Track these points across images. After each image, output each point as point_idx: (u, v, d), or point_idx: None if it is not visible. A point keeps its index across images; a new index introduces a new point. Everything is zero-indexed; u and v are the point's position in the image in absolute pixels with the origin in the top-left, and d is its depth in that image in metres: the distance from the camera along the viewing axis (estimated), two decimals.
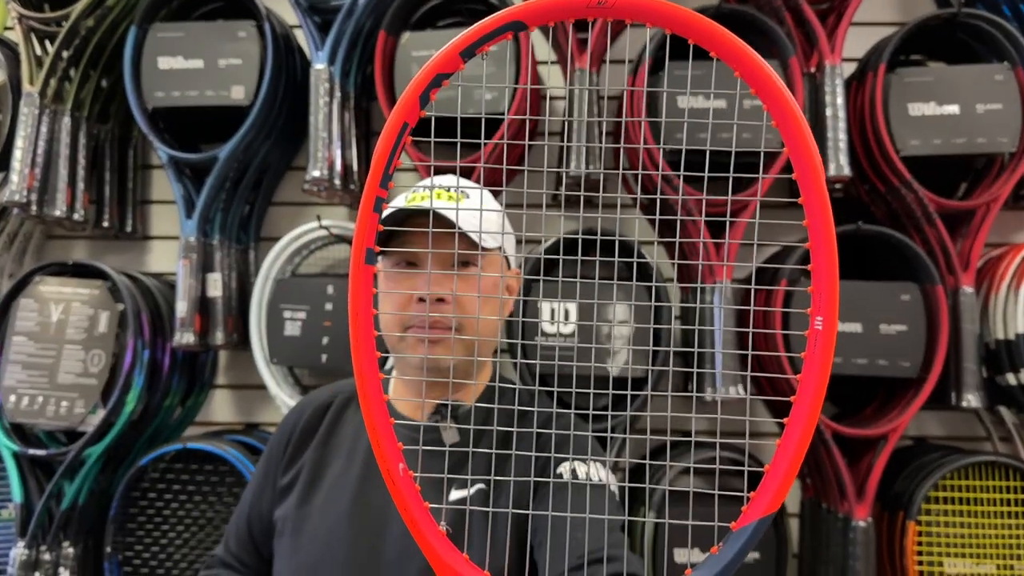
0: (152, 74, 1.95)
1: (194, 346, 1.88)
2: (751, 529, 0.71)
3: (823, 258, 0.70)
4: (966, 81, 1.84)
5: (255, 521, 1.25)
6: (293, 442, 1.24)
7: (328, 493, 1.17)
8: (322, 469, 1.20)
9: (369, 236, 0.71)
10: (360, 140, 2.05)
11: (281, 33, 1.99)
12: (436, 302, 1.09)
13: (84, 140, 2.05)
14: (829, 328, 0.70)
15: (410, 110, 0.70)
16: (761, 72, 0.68)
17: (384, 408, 0.74)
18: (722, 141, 1.77)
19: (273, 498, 1.23)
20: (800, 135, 0.68)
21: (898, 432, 1.77)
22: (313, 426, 1.24)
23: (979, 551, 1.77)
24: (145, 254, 2.26)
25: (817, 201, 0.69)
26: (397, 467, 0.74)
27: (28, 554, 1.82)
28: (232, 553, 1.27)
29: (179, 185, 1.95)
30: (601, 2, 0.65)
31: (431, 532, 0.75)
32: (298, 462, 1.22)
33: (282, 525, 1.19)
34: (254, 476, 1.29)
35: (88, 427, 1.85)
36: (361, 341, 0.72)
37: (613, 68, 2.11)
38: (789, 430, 0.71)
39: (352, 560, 1.12)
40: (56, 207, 1.96)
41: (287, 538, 1.17)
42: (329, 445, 1.22)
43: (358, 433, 1.21)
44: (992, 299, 1.86)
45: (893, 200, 1.90)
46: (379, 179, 0.70)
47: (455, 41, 0.68)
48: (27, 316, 1.90)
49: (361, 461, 1.17)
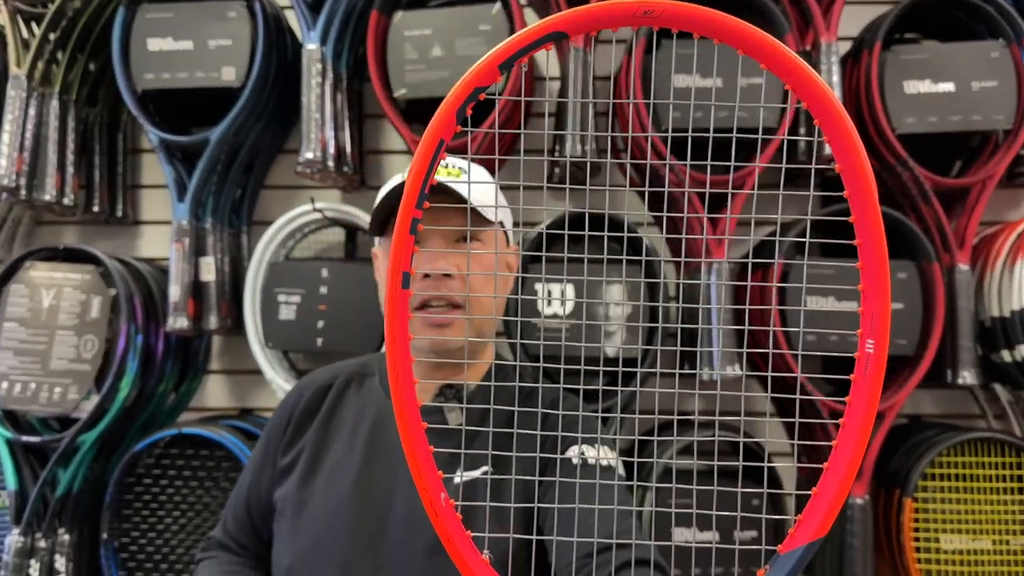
0: (141, 56, 1.92)
1: (188, 331, 1.87)
2: (799, 553, 0.70)
3: (874, 282, 0.68)
4: (961, 59, 1.84)
5: (254, 502, 1.24)
6: (293, 423, 1.23)
7: (330, 475, 1.16)
8: (323, 450, 1.19)
9: (405, 259, 0.70)
10: (353, 122, 2.03)
11: (272, 13, 1.97)
12: (442, 278, 1.09)
13: (73, 124, 2.02)
14: (880, 352, 0.68)
15: (446, 127, 0.67)
16: (815, 85, 0.65)
17: (424, 437, 0.72)
18: (719, 119, 1.76)
19: (273, 479, 1.22)
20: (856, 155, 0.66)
21: (894, 410, 1.78)
22: (314, 407, 1.24)
23: (975, 527, 1.78)
24: (136, 239, 2.24)
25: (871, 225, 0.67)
26: (439, 497, 0.72)
27: (24, 541, 1.81)
28: (230, 535, 1.26)
29: (170, 168, 1.92)
30: (648, 12, 0.63)
31: (475, 562, 0.74)
32: (298, 443, 1.22)
33: (282, 506, 1.18)
34: (252, 457, 1.29)
35: (82, 413, 1.83)
36: (399, 370, 0.71)
37: (607, 48, 2.10)
38: (838, 453, 0.70)
39: (355, 542, 1.12)
40: (45, 191, 1.93)
41: (288, 520, 1.17)
42: (330, 426, 1.21)
43: (359, 415, 1.20)
44: (987, 277, 1.87)
45: (889, 178, 1.90)
46: (415, 200, 0.68)
47: (494, 53, 0.65)
48: (18, 302, 1.88)
49: (363, 443, 1.17)
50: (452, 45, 1.83)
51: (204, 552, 1.28)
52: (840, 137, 0.66)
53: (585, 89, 1.85)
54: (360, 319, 1.89)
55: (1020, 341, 1.78)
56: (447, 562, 1.04)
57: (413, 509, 1.10)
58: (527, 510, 1.10)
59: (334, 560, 1.12)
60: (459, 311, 1.11)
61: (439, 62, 1.83)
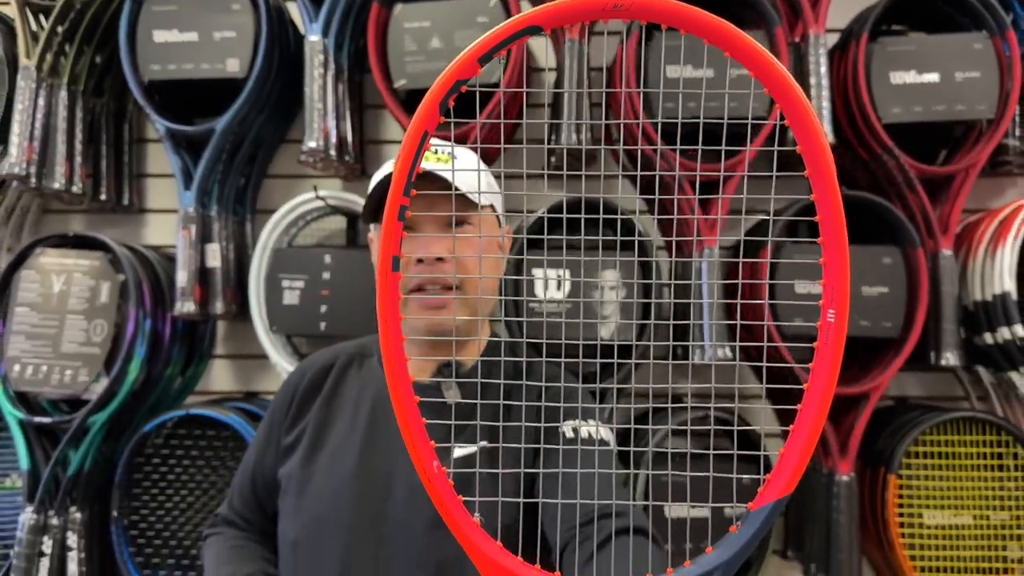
0: (147, 47, 1.97)
1: (195, 315, 1.92)
2: (768, 510, 0.74)
3: (834, 256, 0.71)
4: (946, 50, 1.89)
5: (259, 479, 1.28)
6: (296, 401, 1.27)
7: (333, 453, 1.20)
8: (326, 428, 1.23)
9: (395, 244, 0.73)
10: (354, 112, 2.08)
11: (274, 5, 2.02)
12: (436, 262, 1.12)
13: (81, 114, 2.07)
14: (841, 321, 0.72)
15: (430, 118, 0.70)
16: (778, 76, 0.69)
17: (416, 409, 0.76)
18: (710, 110, 1.82)
19: (277, 456, 1.26)
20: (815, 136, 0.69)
21: (879, 390, 1.83)
22: (316, 386, 1.27)
23: (957, 503, 1.84)
24: (141, 227, 2.29)
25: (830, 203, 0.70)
26: (432, 465, 0.76)
27: (37, 519, 1.87)
28: (236, 511, 1.31)
29: (176, 157, 1.97)
30: (617, 5, 0.66)
31: (467, 524, 0.78)
32: (302, 421, 1.25)
33: (286, 483, 1.22)
34: (257, 435, 1.32)
35: (92, 395, 1.89)
36: (391, 346, 0.73)
37: (603, 39, 2.15)
38: (802, 416, 0.73)
39: (357, 519, 1.15)
40: (55, 180, 1.98)
41: (291, 496, 1.20)
42: (332, 405, 1.25)
43: (360, 395, 1.24)
44: (970, 262, 1.93)
45: (876, 167, 1.95)
46: (402, 187, 0.71)
47: (473, 47, 0.68)
48: (29, 287, 1.93)
49: (364, 423, 1.21)
50: (451, 37, 1.88)
51: (211, 528, 1.33)
52: (800, 119, 0.69)
53: (580, 80, 1.90)
54: (361, 304, 1.94)
55: (1001, 324, 1.84)
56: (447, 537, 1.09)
57: (413, 487, 1.14)
58: (522, 483, 1.12)
59: (337, 536, 1.15)
60: (453, 293, 1.15)
61: (438, 53, 1.88)
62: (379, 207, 1.14)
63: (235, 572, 1.19)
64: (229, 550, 1.26)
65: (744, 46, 0.68)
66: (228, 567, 1.21)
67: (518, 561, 0.78)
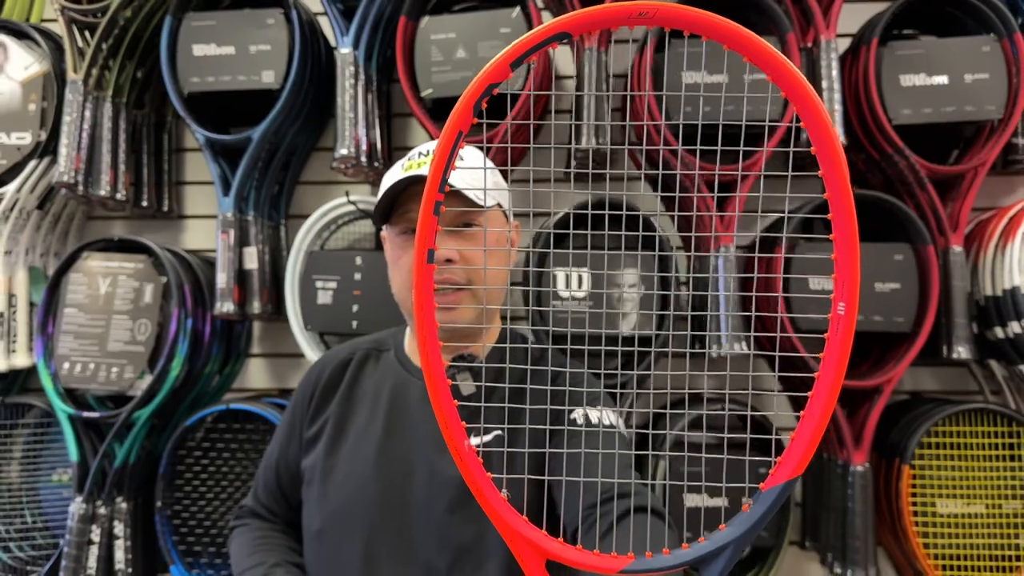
0: (187, 61, 2.07)
1: (233, 315, 2.02)
2: (778, 490, 0.80)
3: (846, 252, 0.75)
4: (955, 53, 1.95)
5: (283, 471, 1.34)
6: (317, 396, 1.33)
7: (354, 443, 1.26)
8: (347, 421, 1.29)
9: (430, 238, 0.77)
10: (382, 120, 2.17)
11: (307, 20, 2.12)
12: (445, 263, 1.16)
13: (124, 125, 2.17)
14: (850, 313, 0.76)
15: (464, 119, 0.75)
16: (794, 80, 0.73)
17: (448, 391, 0.81)
18: (726, 113, 1.89)
19: (300, 448, 1.32)
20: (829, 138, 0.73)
21: (892, 383, 1.89)
22: (335, 381, 1.33)
23: (969, 493, 1.89)
24: (181, 232, 2.40)
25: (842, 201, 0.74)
26: (463, 444, 0.81)
27: (86, 508, 1.98)
28: (261, 503, 1.37)
29: (215, 165, 2.07)
30: (642, 13, 0.71)
31: (495, 499, 0.83)
32: (323, 415, 1.31)
33: (311, 474, 1.28)
34: (279, 430, 1.38)
35: (136, 391, 1.99)
36: (426, 333, 0.78)
37: (620, 47, 2.22)
38: (812, 402, 0.78)
39: (380, 506, 1.21)
40: (101, 187, 2.09)
41: (316, 486, 1.26)
42: (352, 398, 1.31)
43: (379, 387, 1.30)
44: (981, 258, 1.98)
45: (887, 167, 2.01)
46: (438, 184, 0.76)
47: (505, 53, 0.73)
48: (77, 289, 2.04)
49: (384, 413, 1.26)
50: (475, 47, 1.97)
51: (237, 520, 1.39)
52: (815, 121, 0.74)
53: (600, 86, 1.98)
54: (391, 303, 2.01)
55: (1012, 318, 1.89)
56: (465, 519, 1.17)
57: (433, 472, 1.20)
58: (538, 469, 1.19)
59: (361, 523, 1.21)
60: (464, 292, 1.19)
61: (463, 63, 1.97)
62: (390, 209, 1.20)
63: (262, 561, 1.25)
64: (255, 540, 1.31)
65: (762, 51, 0.72)
66: (255, 556, 1.27)
67: (542, 533, 0.83)
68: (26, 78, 2.17)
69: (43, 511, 2.21)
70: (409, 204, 1.17)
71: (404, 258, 1.19)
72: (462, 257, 1.17)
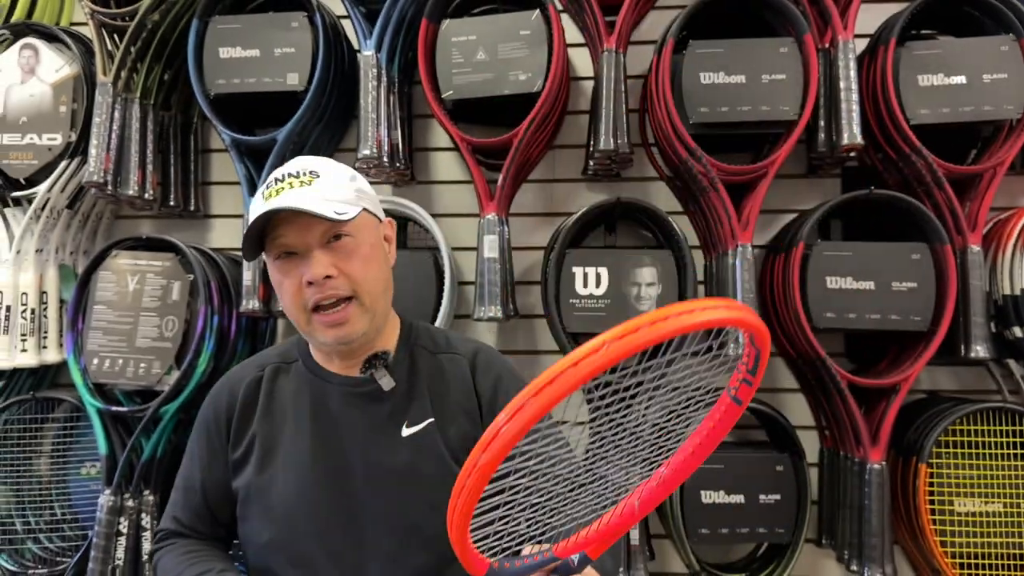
0: (213, 63, 2.12)
1: (259, 312, 2.06)
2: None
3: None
4: (973, 52, 1.96)
5: (211, 491, 1.35)
6: (236, 418, 1.34)
7: (287, 456, 1.29)
8: (274, 435, 1.31)
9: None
10: (404, 122, 2.21)
11: (330, 23, 2.15)
12: (325, 280, 1.18)
13: (152, 126, 2.23)
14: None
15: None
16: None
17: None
18: (742, 113, 1.91)
19: (226, 470, 1.34)
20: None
21: (909, 381, 1.89)
22: (251, 400, 1.34)
23: (987, 491, 1.90)
24: (208, 231, 2.45)
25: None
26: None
27: (114, 500, 2.02)
28: (183, 524, 1.37)
29: (241, 165, 2.12)
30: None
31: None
32: (246, 435, 1.33)
33: (246, 493, 1.30)
34: (194, 452, 1.38)
35: (164, 386, 2.03)
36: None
37: (637, 49, 2.25)
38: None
39: (328, 502, 1.25)
40: (129, 187, 2.14)
41: (255, 502, 1.29)
42: (272, 414, 1.33)
43: (297, 397, 1.32)
44: (1000, 258, 1.98)
45: (905, 167, 2.02)
46: None
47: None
48: (106, 287, 2.08)
49: (308, 420, 1.30)
50: (495, 50, 1.99)
51: (160, 542, 1.38)
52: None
53: (618, 88, 2.01)
54: (411, 301, 2.06)
55: None
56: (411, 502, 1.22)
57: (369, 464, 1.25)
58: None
59: (310, 527, 1.25)
60: (352, 304, 1.22)
61: (483, 65, 2.00)
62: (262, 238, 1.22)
63: (209, 568, 1.26)
64: (189, 554, 1.32)
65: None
66: (197, 567, 1.27)
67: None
68: (57, 80, 2.23)
69: (72, 504, 2.26)
70: (279, 230, 1.19)
71: (286, 282, 1.21)
72: (340, 271, 1.19)
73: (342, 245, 1.20)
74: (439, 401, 1.30)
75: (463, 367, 1.33)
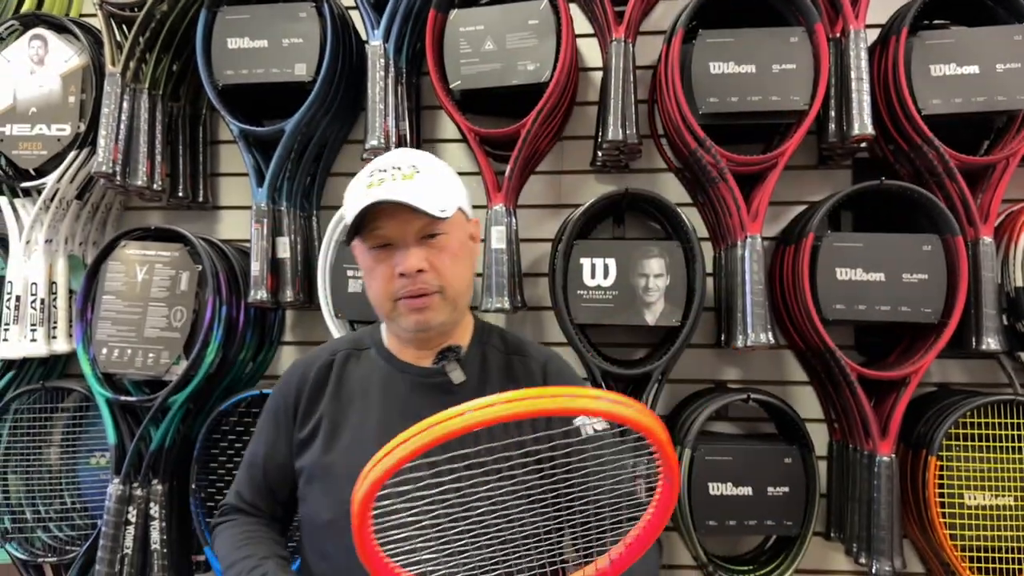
0: (222, 54, 2.11)
1: (267, 302, 2.06)
2: None
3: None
4: (986, 42, 1.93)
5: (273, 471, 1.38)
6: (304, 399, 1.37)
7: (352, 437, 1.31)
8: (341, 418, 1.34)
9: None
10: (412, 112, 2.21)
11: (338, 13, 2.15)
12: (417, 274, 1.23)
13: (160, 117, 2.23)
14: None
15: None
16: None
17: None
18: (752, 103, 1.89)
19: (291, 450, 1.37)
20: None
21: (919, 374, 1.88)
22: (321, 383, 1.38)
23: (997, 484, 1.89)
24: (216, 223, 2.45)
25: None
26: None
27: (123, 489, 2.03)
28: (244, 500, 1.41)
29: (249, 156, 2.12)
30: None
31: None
32: (313, 416, 1.36)
33: (309, 472, 1.33)
34: (262, 431, 1.42)
35: (172, 376, 2.04)
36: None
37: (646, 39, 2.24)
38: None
39: None
40: (138, 177, 2.14)
41: (318, 482, 1.31)
42: (341, 398, 1.36)
43: (366, 382, 1.36)
44: (1012, 250, 1.96)
45: (916, 158, 2.00)
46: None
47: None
48: (115, 277, 2.09)
49: (377, 404, 1.33)
50: (503, 40, 1.98)
51: (221, 517, 1.43)
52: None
53: (627, 78, 2.00)
54: None
55: None
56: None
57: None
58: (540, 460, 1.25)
59: None
60: (436, 296, 1.26)
61: (491, 55, 1.99)
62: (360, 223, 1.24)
63: (252, 554, 1.28)
64: (242, 535, 1.35)
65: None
66: (243, 550, 1.30)
67: None
68: (66, 71, 2.23)
69: (81, 493, 2.27)
70: (378, 221, 1.23)
71: (378, 269, 1.26)
72: (431, 266, 1.24)
73: (436, 242, 1.24)
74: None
75: (535, 371, 1.36)
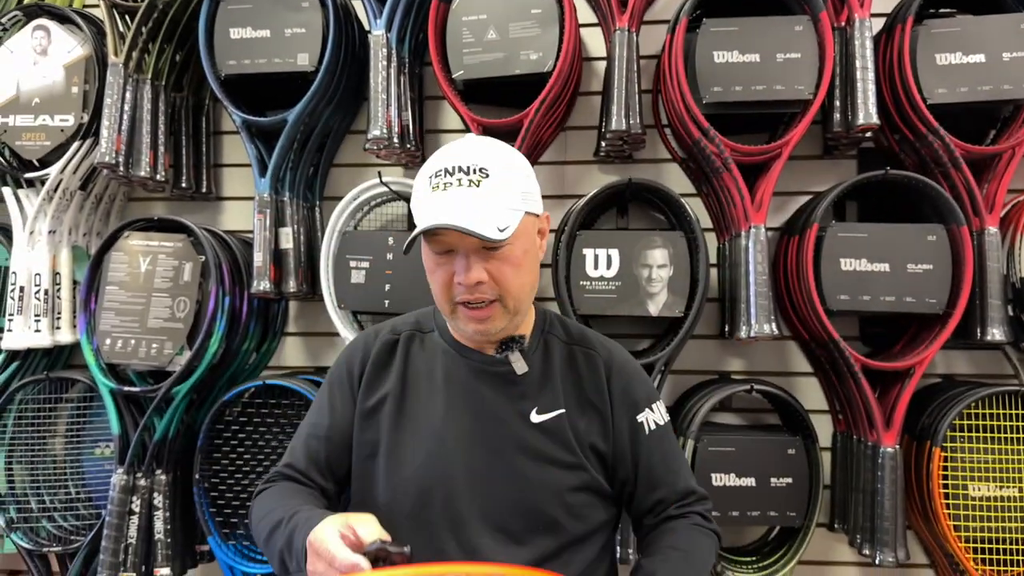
0: (224, 43, 2.11)
1: (270, 293, 2.06)
2: None
3: None
4: (992, 31, 1.92)
5: (335, 437, 1.35)
6: (369, 370, 1.37)
7: (418, 420, 1.31)
8: (406, 399, 1.34)
9: None
10: (414, 102, 2.20)
11: (341, 3, 2.14)
12: (476, 285, 1.21)
13: (163, 107, 2.23)
14: None
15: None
16: None
17: None
18: (756, 92, 1.88)
19: (356, 417, 1.35)
20: None
21: (924, 364, 1.88)
22: (386, 359, 1.38)
23: (1002, 475, 1.88)
24: (219, 213, 2.45)
25: None
26: None
27: (126, 479, 2.04)
28: (297, 470, 1.35)
29: (252, 147, 2.11)
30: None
31: None
32: (380, 388, 1.35)
33: (371, 450, 1.33)
34: (325, 400, 1.39)
35: (175, 367, 2.04)
36: None
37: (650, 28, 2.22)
38: None
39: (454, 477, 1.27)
40: (141, 168, 2.14)
41: (383, 459, 1.31)
42: (407, 377, 1.36)
43: (430, 365, 1.36)
44: (1018, 240, 1.95)
45: (921, 147, 1.99)
46: None
47: None
48: (118, 268, 2.09)
49: (441, 389, 1.33)
50: (506, 29, 1.98)
51: (267, 483, 1.38)
52: None
53: (631, 68, 1.99)
54: (422, 283, 2.04)
55: None
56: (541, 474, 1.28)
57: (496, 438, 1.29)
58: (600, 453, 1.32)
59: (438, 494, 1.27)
60: (496, 304, 1.24)
61: (494, 45, 1.98)
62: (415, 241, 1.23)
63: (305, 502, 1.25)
64: (292, 489, 1.31)
65: None
66: (296, 499, 1.26)
67: None
68: (69, 61, 2.23)
69: (86, 483, 2.28)
70: (447, 234, 1.20)
71: (439, 272, 1.25)
72: (491, 277, 1.22)
73: (499, 253, 1.22)
74: (572, 393, 1.33)
75: (599, 364, 1.36)
